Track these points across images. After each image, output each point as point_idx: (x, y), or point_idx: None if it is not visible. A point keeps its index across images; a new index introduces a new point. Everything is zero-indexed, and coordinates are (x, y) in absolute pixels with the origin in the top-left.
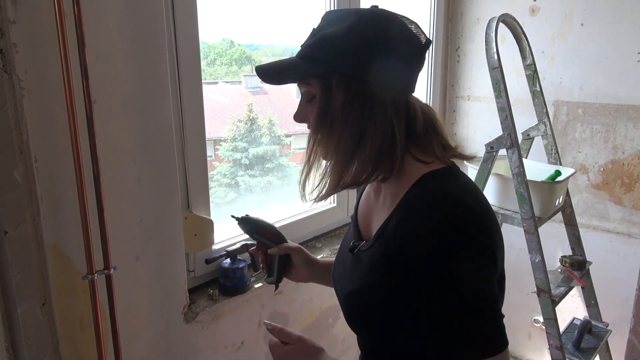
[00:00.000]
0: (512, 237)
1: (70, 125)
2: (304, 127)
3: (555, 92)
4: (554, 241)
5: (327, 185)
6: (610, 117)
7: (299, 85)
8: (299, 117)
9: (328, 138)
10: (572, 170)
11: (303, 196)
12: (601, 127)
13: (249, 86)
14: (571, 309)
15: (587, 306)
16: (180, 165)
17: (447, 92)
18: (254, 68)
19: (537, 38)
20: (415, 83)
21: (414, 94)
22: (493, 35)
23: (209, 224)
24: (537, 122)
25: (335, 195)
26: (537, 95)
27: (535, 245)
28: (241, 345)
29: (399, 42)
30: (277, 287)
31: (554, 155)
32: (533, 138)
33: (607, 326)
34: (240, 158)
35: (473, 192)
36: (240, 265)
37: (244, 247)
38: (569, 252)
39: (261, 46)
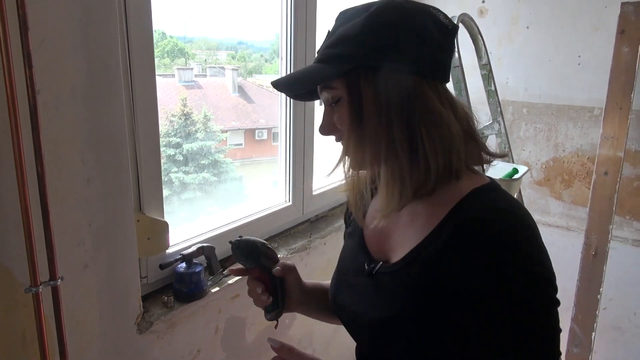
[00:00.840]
0: None
1: (11, 120)
2: (241, 123)
3: (502, 92)
4: None
5: (393, 197)
6: (553, 117)
7: (320, 93)
8: (326, 128)
9: (370, 142)
10: (526, 168)
11: (362, 223)
12: (544, 126)
13: (183, 80)
14: None
15: None
16: (132, 164)
17: None
18: (186, 62)
19: (485, 39)
20: (449, 71)
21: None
22: None
23: (164, 227)
24: (490, 121)
25: (290, 192)
26: (492, 94)
27: None
28: (197, 353)
29: (423, 26)
30: (278, 320)
31: (509, 154)
32: (487, 136)
33: None
34: (174, 154)
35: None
36: (197, 270)
37: (200, 250)
38: None
39: (195, 39)
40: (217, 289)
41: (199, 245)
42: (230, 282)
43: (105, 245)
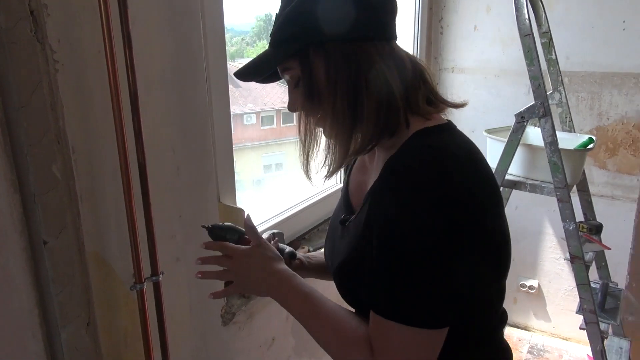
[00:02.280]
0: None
1: (114, 106)
2: None
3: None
4: (539, 208)
5: (334, 162)
6: (596, 85)
7: (282, 76)
8: (292, 106)
9: (322, 114)
10: (594, 138)
11: (310, 178)
12: (587, 95)
13: None
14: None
15: (597, 268)
16: None
17: (431, 65)
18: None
19: None
20: (395, 29)
21: (397, 43)
22: (523, 0)
23: (240, 214)
24: (551, 91)
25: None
26: (553, 63)
27: (569, 214)
28: (272, 342)
29: None
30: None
31: (568, 123)
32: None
33: (617, 285)
34: None
35: (472, 150)
36: None
37: (272, 236)
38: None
39: None
40: None
41: (271, 231)
42: None
43: (193, 236)
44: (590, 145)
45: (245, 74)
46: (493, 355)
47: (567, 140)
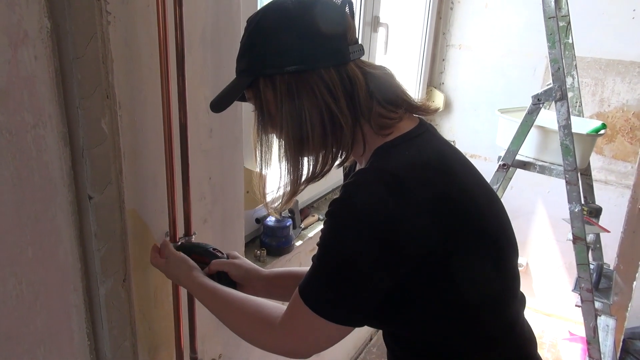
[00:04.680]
0: None
1: (162, 64)
2: None
3: None
4: (534, 189)
5: (287, 191)
6: (600, 71)
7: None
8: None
9: (272, 143)
10: (604, 124)
11: (267, 206)
12: (590, 81)
13: None
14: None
15: (592, 250)
16: None
17: (439, 41)
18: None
19: None
20: (345, 49)
21: (362, 59)
22: None
23: (262, 179)
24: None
25: None
26: (569, 47)
27: (576, 196)
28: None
29: (302, 18)
30: None
31: (578, 108)
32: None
33: (609, 267)
34: None
35: (417, 166)
36: (287, 224)
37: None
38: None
39: None
40: (300, 242)
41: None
42: (310, 235)
43: (220, 199)
44: (602, 131)
45: (216, 106)
46: (513, 353)
47: (577, 125)
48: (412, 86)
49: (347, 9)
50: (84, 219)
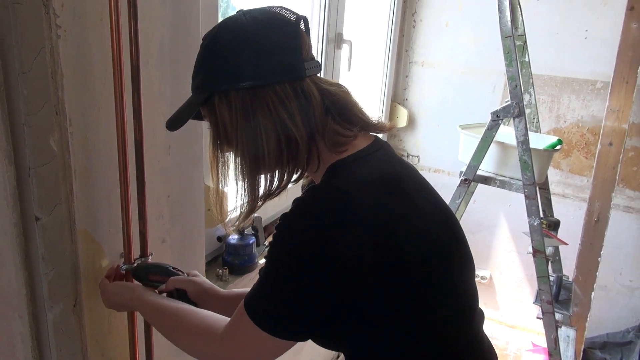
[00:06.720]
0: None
1: (116, 79)
2: None
3: None
4: (495, 203)
5: (245, 209)
6: (556, 89)
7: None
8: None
9: (229, 160)
10: (560, 140)
11: (225, 225)
12: (547, 98)
13: None
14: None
15: (551, 262)
16: None
17: (402, 58)
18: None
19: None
20: (301, 65)
21: (318, 76)
22: (507, 3)
23: (224, 197)
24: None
25: None
26: (525, 65)
27: (534, 210)
28: None
29: (257, 35)
30: None
31: (535, 124)
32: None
33: (568, 278)
34: None
35: (368, 183)
36: (250, 242)
37: (256, 220)
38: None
39: None
40: (263, 260)
41: (254, 216)
42: None
43: (179, 217)
44: (558, 147)
45: (171, 124)
46: None
47: (534, 140)
48: (376, 102)
49: (302, 25)
50: (30, 242)
